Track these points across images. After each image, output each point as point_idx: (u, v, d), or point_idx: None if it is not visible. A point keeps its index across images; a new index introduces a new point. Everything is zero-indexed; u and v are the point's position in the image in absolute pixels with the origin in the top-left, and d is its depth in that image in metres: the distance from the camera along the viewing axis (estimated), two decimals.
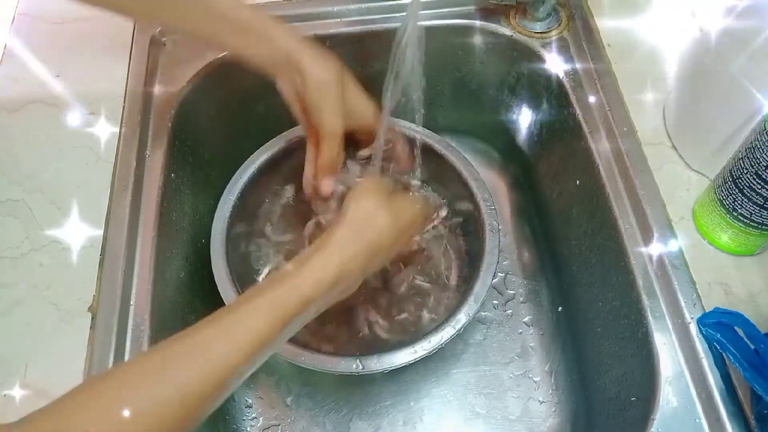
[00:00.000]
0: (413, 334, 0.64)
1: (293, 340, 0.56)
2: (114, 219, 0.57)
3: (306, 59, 0.52)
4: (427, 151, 0.68)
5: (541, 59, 0.69)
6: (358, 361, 0.56)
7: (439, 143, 0.68)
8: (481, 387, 0.70)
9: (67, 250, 0.55)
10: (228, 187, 0.65)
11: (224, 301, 0.58)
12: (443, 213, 0.70)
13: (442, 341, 0.56)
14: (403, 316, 0.65)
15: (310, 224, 0.63)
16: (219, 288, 0.59)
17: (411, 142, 0.63)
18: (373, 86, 0.57)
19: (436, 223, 0.65)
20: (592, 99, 0.64)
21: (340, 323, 0.65)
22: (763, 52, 0.48)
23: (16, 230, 0.56)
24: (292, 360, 0.56)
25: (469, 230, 0.69)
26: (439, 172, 0.69)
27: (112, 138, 0.62)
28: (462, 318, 0.57)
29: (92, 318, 0.52)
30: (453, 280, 0.67)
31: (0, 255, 0.55)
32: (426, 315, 0.65)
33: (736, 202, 0.50)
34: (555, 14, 0.70)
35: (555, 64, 0.68)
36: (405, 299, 0.66)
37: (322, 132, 0.53)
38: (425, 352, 0.56)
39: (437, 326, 0.58)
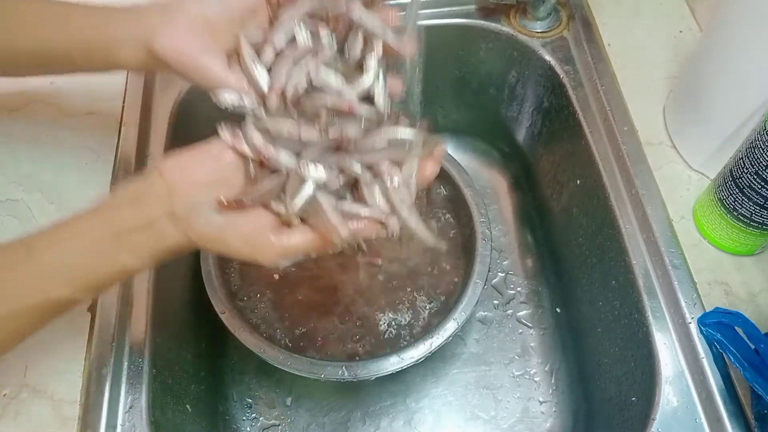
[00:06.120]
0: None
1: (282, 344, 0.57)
2: None
3: None
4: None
5: (541, 59, 0.69)
6: (344, 367, 0.56)
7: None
8: (481, 387, 0.70)
9: None
10: None
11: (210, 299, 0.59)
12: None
13: (432, 348, 0.56)
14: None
15: None
16: (206, 287, 0.59)
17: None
18: None
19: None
20: (592, 99, 0.64)
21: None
22: (763, 52, 0.48)
23: (16, 230, 0.56)
24: (278, 365, 0.56)
25: (462, 234, 0.69)
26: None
27: (112, 138, 0.62)
28: (450, 327, 0.57)
29: (92, 318, 0.52)
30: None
31: None
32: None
33: (736, 202, 0.50)
34: (555, 14, 0.70)
35: (555, 63, 0.68)
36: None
37: None
38: (412, 360, 0.56)
39: (425, 334, 0.58)
